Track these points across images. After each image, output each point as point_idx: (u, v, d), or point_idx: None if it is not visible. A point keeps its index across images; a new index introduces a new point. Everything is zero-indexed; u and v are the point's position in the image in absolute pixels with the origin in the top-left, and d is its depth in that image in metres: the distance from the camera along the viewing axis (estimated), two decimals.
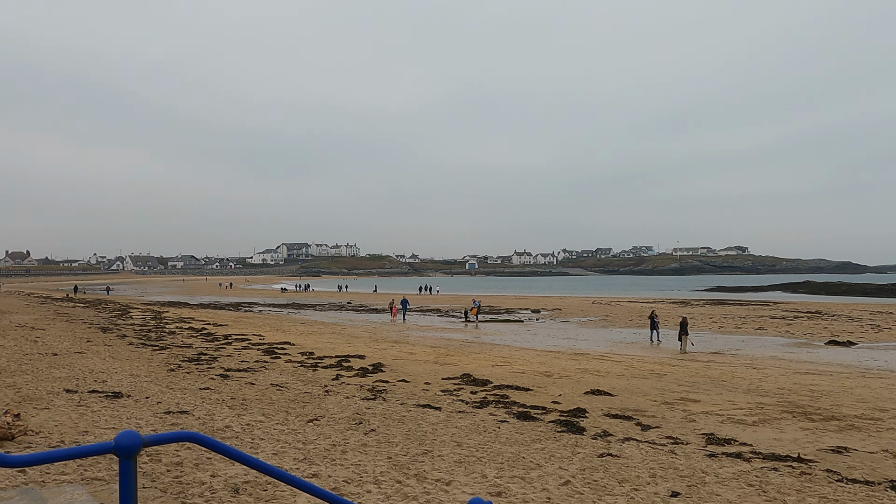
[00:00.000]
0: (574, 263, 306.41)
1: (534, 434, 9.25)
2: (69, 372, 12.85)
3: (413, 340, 24.90)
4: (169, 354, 17.43)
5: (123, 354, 16.97)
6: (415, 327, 33.00)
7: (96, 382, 11.84)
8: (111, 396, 10.37)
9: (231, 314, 39.72)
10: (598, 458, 7.85)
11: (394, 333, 28.22)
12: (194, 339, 22.75)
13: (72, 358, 15.31)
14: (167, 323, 30.12)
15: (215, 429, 8.46)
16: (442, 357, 18.96)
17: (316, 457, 7.31)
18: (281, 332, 26.18)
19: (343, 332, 28.24)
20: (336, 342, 22.86)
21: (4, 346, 16.78)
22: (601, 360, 19.31)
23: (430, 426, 9.45)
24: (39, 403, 9.43)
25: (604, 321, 38.26)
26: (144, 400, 10.35)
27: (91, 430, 7.91)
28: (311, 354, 18.50)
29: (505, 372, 16.05)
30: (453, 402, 11.68)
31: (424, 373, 15.56)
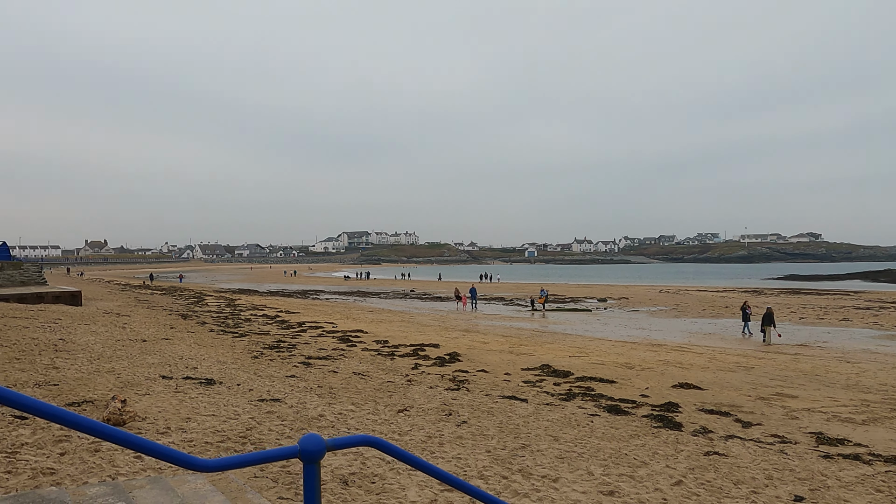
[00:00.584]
0: (636, 251, 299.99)
1: (629, 429, 8.94)
2: (160, 358, 13.26)
3: (483, 329, 24.76)
4: (249, 341, 17.84)
5: (207, 341, 17.45)
6: (482, 316, 32.87)
7: (187, 369, 12.17)
8: (204, 383, 10.61)
9: (300, 302, 40.54)
10: (705, 457, 7.50)
11: (462, 322, 28.16)
12: (270, 326, 23.26)
13: (160, 344, 15.83)
14: (242, 310, 30.96)
15: (309, 417, 8.51)
16: (516, 347, 18.74)
17: (414, 449, 7.24)
18: (352, 320, 26.49)
19: (412, 320, 28.35)
20: (407, 330, 22.94)
21: (97, 332, 17.51)
22: (681, 352, 18.68)
23: (520, 419, 9.27)
24: (140, 389, 9.72)
25: (675, 311, 37.16)
26: (236, 387, 10.55)
27: (193, 417, 8.07)
28: (386, 343, 18.59)
29: (584, 363, 15.70)
30: (538, 394, 11.46)
31: (502, 363, 15.39)
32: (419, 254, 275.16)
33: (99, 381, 10.10)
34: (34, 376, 10.01)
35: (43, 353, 12.71)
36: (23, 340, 14.13)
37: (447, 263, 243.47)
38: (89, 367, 11.35)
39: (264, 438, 7.26)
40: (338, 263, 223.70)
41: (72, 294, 29.45)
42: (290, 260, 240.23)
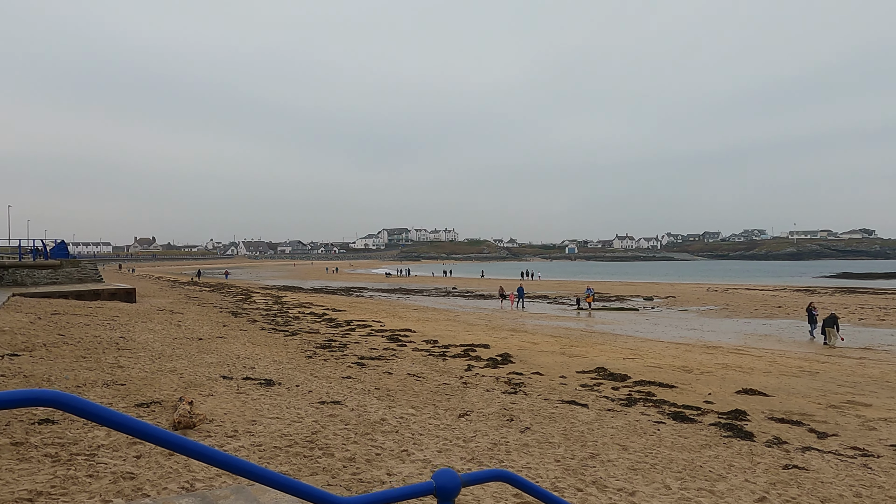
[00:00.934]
0: (679, 248, 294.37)
1: (699, 438, 8.65)
2: (218, 357, 13.44)
3: (530, 329, 24.51)
4: (301, 340, 17.99)
5: (260, 340, 17.66)
6: (528, 315, 32.59)
7: (245, 369, 12.29)
8: (264, 384, 10.68)
9: (345, 299, 40.87)
10: (785, 471, 7.18)
11: (509, 321, 27.95)
12: (319, 324, 23.45)
13: (216, 343, 16.07)
14: (289, 308, 31.34)
15: (371, 421, 8.47)
16: (567, 348, 18.47)
17: (481, 456, 7.11)
18: (398, 319, 26.54)
19: (457, 318, 28.27)
20: (455, 330, 22.85)
21: (154, 330, 17.89)
22: (739, 355, 18.14)
23: (583, 425, 9.06)
24: (203, 390, 9.83)
25: (725, 311, 36.22)
26: (295, 388, 10.59)
27: (258, 420, 8.11)
28: (436, 343, 18.53)
29: (639, 366, 15.35)
30: (598, 399, 11.21)
31: (555, 365, 15.16)
32: (458, 251, 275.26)
33: (163, 380, 10.27)
34: (101, 375, 10.22)
35: (107, 351, 13.01)
36: (87, 338, 14.50)
37: (486, 260, 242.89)
38: (152, 367, 11.56)
39: (331, 443, 7.23)
40: (378, 260, 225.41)
41: (126, 291, 30.25)
42: (332, 257, 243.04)
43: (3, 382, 9.02)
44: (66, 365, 10.89)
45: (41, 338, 13.85)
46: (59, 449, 6.27)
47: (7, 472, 5.48)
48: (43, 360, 11.07)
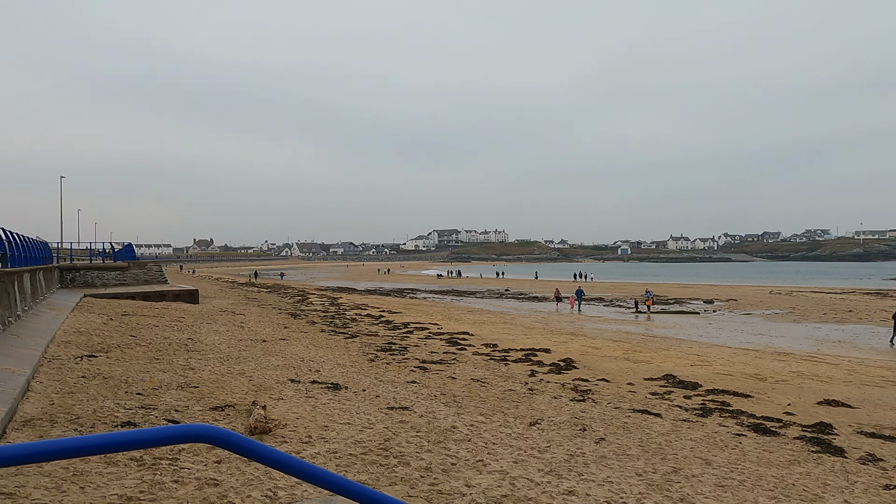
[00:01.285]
0: (737, 248, 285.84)
1: (785, 453, 8.22)
2: (283, 360, 13.58)
3: (590, 333, 24.06)
4: (361, 343, 18.08)
5: (321, 342, 17.83)
6: (585, 318, 32.05)
7: (311, 372, 12.38)
8: (331, 388, 10.72)
9: (399, 301, 41.06)
10: (886, 491, 6.73)
11: (567, 325, 27.52)
12: (377, 326, 23.57)
13: (279, 345, 16.29)
14: (346, 309, 31.66)
15: (442, 429, 8.36)
16: (630, 353, 18.00)
17: (560, 469, 6.91)
18: (455, 322, 26.45)
19: (514, 321, 28.00)
20: (513, 333, 22.61)
21: (219, 331, 18.26)
22: (813, 362, 17.33)
23: (659, 436, 8.74)
24: (273, 393, 9.92)
25: (792, 314, 34.83)
26: (362, 393, 10.59)
27: (330, 426, 8.10)
28: (495, 347, 18.34)
29: (709, 373, 14.82)
30: (670, 409, 10.83)
31: (620, 371, 14.77)
32: (509, 252, 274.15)
33: (233, 383, 10.41)
34: (175, 378, 10.43)
35: (177, 352, 13.32)
36: (157, 340, 14.89)
37: (537, 261, 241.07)
38: (221, 369, 11.75)
39: (405, 451, 7.15)
40: (428, 261, 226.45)
41: (190, 292, 31.10)
42: (383, 258, 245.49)
43: (84, 383, 9.29)
44: (140, 366, 11.17)
45: (115, 339, 14.29)
46: (143, 452, 6.37)
47: (97, 476, 5.58)
48: (119, 362, 11.39)
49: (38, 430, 6.79)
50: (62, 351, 11.90)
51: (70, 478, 5.47)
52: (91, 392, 8.77)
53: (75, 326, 15.86)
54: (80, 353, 11.91)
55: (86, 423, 7.15)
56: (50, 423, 7.09)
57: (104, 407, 7.96)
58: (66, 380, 9.43)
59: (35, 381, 9.10)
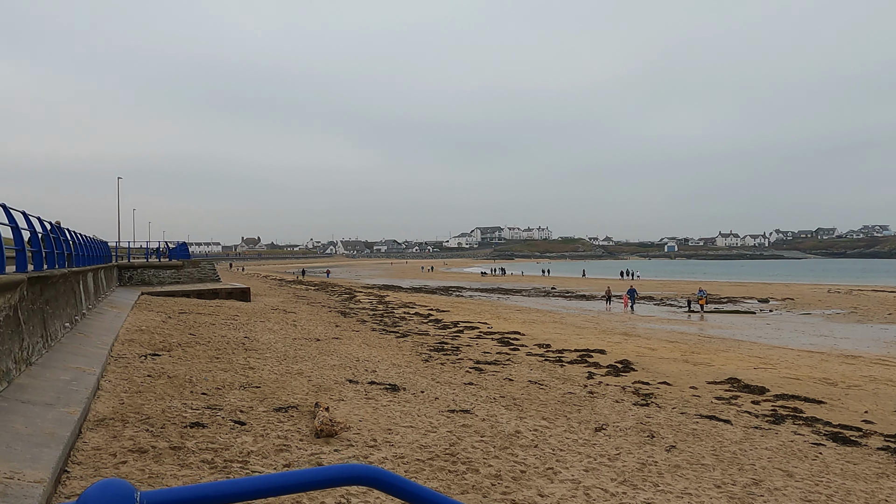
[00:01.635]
0: (790, 245, 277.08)
1: (870, 465, 7.78)
2: (339, 360, 13.61)
3: (643, 333, 23.52)
4: (413, 343, 18.03)
5: (374, 341, 17.85)
6: (636, 318, 31.40)
7: (368, 372, 12.36)
8: (390, 389, 10.66)
9: (445, 299, 41.01)
10: None
11: (618, 324, 26.98)
12: (426, 325, 23.53)
13: (332, 344, 16.36)
14: (394, 308, 31.75)
15: (507, 433, 8.19)
16: (688, 355, 17.49)
17: (634, 479, 6.66)
18: (503, 321, 26.23)
19: (563, 321, 27.60)
20: (564, 333, 22.27)
21: (274, 330, 18.47)
22: (885, 366, 16.53)
23: (733, 445, 8.39)
24: (333, 394, 9.91)
25: (855, 315, 33.43)
26: (420, 394, 10.49)
27: (394, 429, 8.02)
28: (549, 347, 18.06)
29: (774, 377, 14.26)
30: (739, 415, 10.42)
31: (681, 374, 14.34)
32: (552, 249, 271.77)
33: (293, 384, 10.44)
34: (236, 377, 10.53)
35: (235, 351, 13.48)
36: (215, 338, 15.12)
37: (581, 258, 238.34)
38: (280, 368, 11.83)
39: (472, 457, 7.01)
40: (471, 259, 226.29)
41: (242, 290, 31.66)
42: (426, 255, 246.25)
43: (151, 383, 9.44)
44: (202, 365, 11.32)
45: (175, 337, 14.57)
46: (214, 455, 6.38)
47: (172, 479, 5.60)
48: (181, 361, 11.57)
49: (111, 430, 6.88)
50: (127, 349, 12.16)
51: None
52: (158, 391, 8.90)
53: (137, 325, 16.24)
54: (143, 351, 12.15)
55: (156, 424, 7.23)
56: (122, 422, 7.19)
57: (172, 407, 8.05)
58: (133, 378, 9.60)
59: (104, 379, 9.29)
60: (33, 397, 6.92)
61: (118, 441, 6.53)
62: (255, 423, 7.67)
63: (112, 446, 6.35)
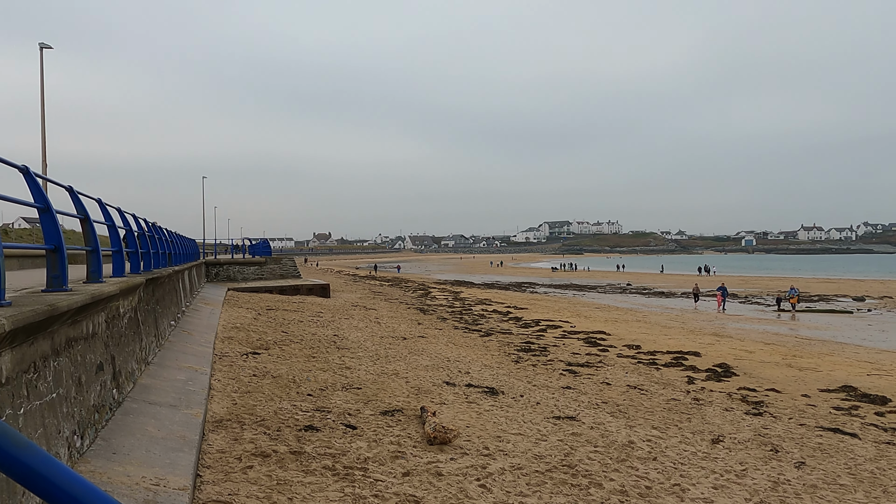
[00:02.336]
0: (879, 238, 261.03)
1: None
2: (430, 360, 13.56)
3: (734, 333, 22.51)
4: (498, 342, 17.84)
5: (459, 340, 17.76)
6: (723, 316, 30.14)
7: (461, 374, 12.24)
8: (488, 392, 10.49)
9: (520, 295, 40.62)
10: None
11: (705, 323, 25.96)
12: (507, 324, 23.29)
13: (419, 343, 16.35)
14: (471, 304, 31.65)
15: (620, 444, 7.88)
16: (790, 359, 16.56)
17: (770, 500, 6.24)
18: (585, 319, 25.68)
19: (647, 319, 26.78)
20: (650, 333, 21.57)
21: (359, 327, 18.65)
22: None
23: (868, 462, 7.78)
24: (433, 397, 9.82)
25: None
26: (521, 399, 10.28)
27: (502, 436, 7.84)
28: (639, 348, 17.49)
29: (893, 385, 13.28)
30: (865, 427, 9.71)
31: (787, 380, 13.56)
32: (622, 243, 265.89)
33: (392, 385, 10.42)
34: (336, 377, 10.61)
35: (329, 350, 13.64)
36: (307, 336, 15.37)
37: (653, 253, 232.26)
38: (375, 368, 11.86)
39: (591, 470, 6.75)
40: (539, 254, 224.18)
41: (322, 287, 32.27)
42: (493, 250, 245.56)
43: (258, 382, 9.61)
44: (301, 365, 11.48)
45: (270, 335, 14.89)
46: (333, 460, 6.37)
47: (300, 486, 5.60)
48: (281, 360, 11.78)
49: (231, 432, 6.99)
50: (227, 347, 12.49)
51: (276, 486, 5.52)
52: (266, 392, 9.04)
53: (231, 322, 16.72)
54: (244, 349, 12.44)
55: (271, 427, 7.30)
56: (239, 424, 7.29)
57: (282, 409, 8.14)
58: (240, 378, 9.81)
59: (214, 379, 9.52)
60: (158, 398, 7.12)
61: (240, 444, 6.61)
62: (366, 428, 7.65)
63: (235, 449, 6.43)
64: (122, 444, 5.27)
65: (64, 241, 5.49)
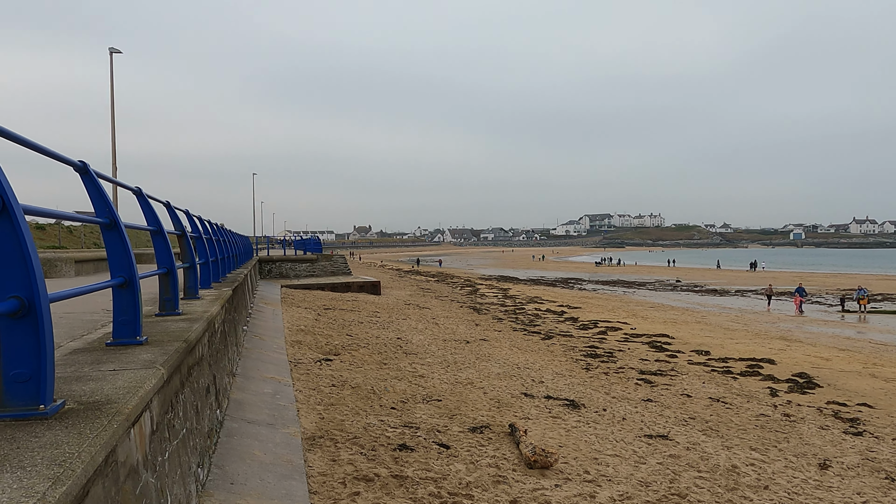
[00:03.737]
0: None
1: None
2: (500, 367, 13.32)
3: (803, 338, 21.68)
4: (562, 346, 17.51)
5: (521, 344, 17.49)
6: (785, 318, 29.14)
7: (535, 383, 11.98)
8: (569, 406, 10.21)
9: (569, 293, 40.08)
10: None
11: (769, 326, 25.10)
12: (565, 324, 22.92)
13: (483, 347, 16.14)
14: (522, 302, 31.33)
15: (724, 468, 7.51)
16: (871, 368, 15.82)
17: None
18: (641, 319, 25.12)
19: (706, 321, 26.04)
20: (714, 336, 20.93)
21: (419, 329, 18.52)
22: None
23: None
24: (515, 411, 9.59)
25: None
26: (604, 413, 9.98)
27: (600, 458, 7.56)
28: (707, 354, 16.95)
29: None
30: None
31: (877, 392, 12.90)
32: (665, 236, 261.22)
33: (470, 396, 10.23)
34: (413, 388, 10.45)
35: (397, 355, 13.51)
36: (371, 339, 15.28)
37: (697, 246, 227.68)
38: (448, 377, 11.68)
39: (703, 500, 6.42)
40: (580, 247, 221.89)
41: (372, 284, 32.31)
42: (533, 243, 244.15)
43: (338, 394, 9.50)
44: (375, 373, 11.36)
45: (336, 339, 14.84)
46: (436, 486, 6.18)
47: None
48: (354, 367, 11.68)
49: (327, 451, 6.86)
50: (299, 353, 12.46)
51: None
52: (349, 404, 8.92)
53: (294, 324, 16.75)
54: (315, 355, 12.40)
55: (365, 445, 7.16)
56: (332, 442, 7.17)
57: (371, 424, 8.00)
58: (320, 388, 9.72)
59: (294, 389, 9.45)
60: (254, 416, 7.04)
61: (339, 465, 6.48)
62: (459, 447, 7.45)
63: (336, 472, 6.29)
64: (237, 473, 5.17)
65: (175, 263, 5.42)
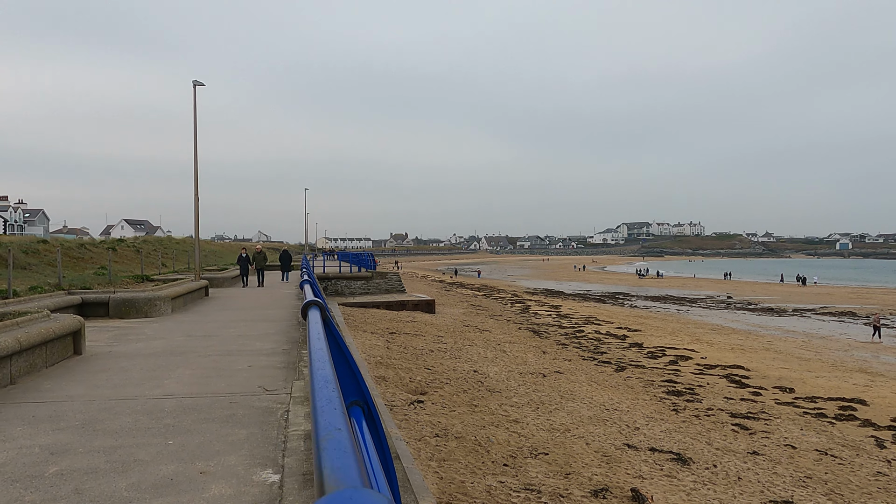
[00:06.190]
0: None
1: None
2: (588, 408, 13.03)
3: (884, 370, 20.84)
4: (640, 381, 17.14)
5: (597, 377, 17.18)
6: (855, 344, 28.10)
7: (630, 430, 11.69)
8: (676, 460, 9.91)
9: (623, 311, 39.48)
10: None
11: (842, 354, 24.22)
12: (631, 352, 22.51)
13: (559, 381, 15.87)
14: (578, 323, 30.96)
15: None
16: None
17: None
18: (707, 345, 24.54)
19: (773, 347, 25.28)
20: (791, 366, 20.29)
21: (490, 358, 18.32)
22: None
23: None
24: (626, 468, 9.32)
25: None
26: (716, 470, 9.65)
27: None
28: (792, 391, 16.42)
29: None
30: None
31: None
32: (705, 246, 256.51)
33: (574, 448, 10.00)
34: (513, 437, 10.25)
35: (481, 393, 13.33)
36: (450, 374, 15.12)
37: (738, 256, 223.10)
38: (541, 422, 11.46)
39: None
40: (618, 256, 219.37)
41: (427, 302, 32.25)
42: (570, 251, 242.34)
43: (444, 446, 9.37)
44: (469, 418, 11.20)
45: (416, 373, 14.74)
46: None
47: None
48: (448, 411, 11.53)
49: None
50: (389, 392, 12.36)
51: None
52: (461, 460, 8.78)
53: (369, 352, 16.70)
54: (404, 396, 12.28)
55: None
56: None
57: (493, 487, 7.84)
58: (425, 438, 9.61)
59: (405, 441, 9.34)
60: None
61: None
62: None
63: None
64: None
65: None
